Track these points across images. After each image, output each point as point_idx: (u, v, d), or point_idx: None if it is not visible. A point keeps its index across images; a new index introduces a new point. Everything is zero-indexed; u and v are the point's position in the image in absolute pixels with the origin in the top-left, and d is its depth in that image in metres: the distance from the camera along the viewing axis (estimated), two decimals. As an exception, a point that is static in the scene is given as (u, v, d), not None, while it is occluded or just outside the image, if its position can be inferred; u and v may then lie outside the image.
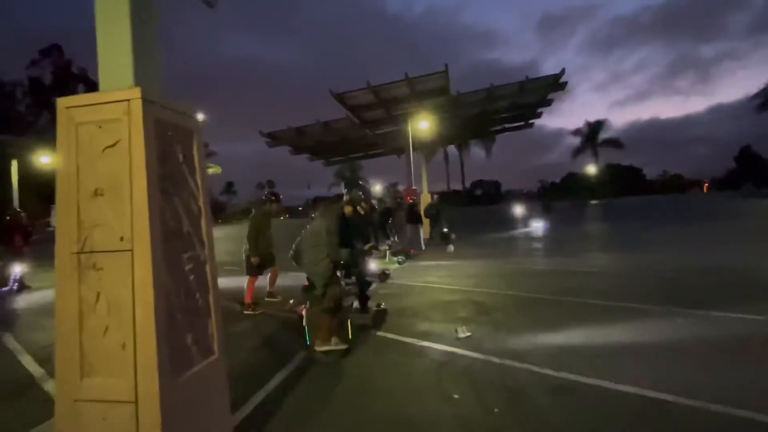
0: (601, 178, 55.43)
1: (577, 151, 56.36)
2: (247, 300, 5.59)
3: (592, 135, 54.80)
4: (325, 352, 3.74)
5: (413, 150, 14.19)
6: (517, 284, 6.53)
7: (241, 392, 2.96)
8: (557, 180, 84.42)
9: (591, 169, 54.92)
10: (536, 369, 3.25)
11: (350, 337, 4.02)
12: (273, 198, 5.99)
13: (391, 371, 3.42)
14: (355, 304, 4.74)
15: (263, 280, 6.01)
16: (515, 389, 2.94)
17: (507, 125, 19.25)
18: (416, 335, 4.22)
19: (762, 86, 38.22)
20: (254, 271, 5.69)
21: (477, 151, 58.62)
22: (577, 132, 56.53)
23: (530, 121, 17.54)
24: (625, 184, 73.03)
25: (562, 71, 11.83)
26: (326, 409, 2.79)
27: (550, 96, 13.99)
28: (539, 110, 15.90)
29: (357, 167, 60.63)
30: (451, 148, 55.49)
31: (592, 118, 60.70)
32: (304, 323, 4.16)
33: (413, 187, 13.76)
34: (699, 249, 9.26)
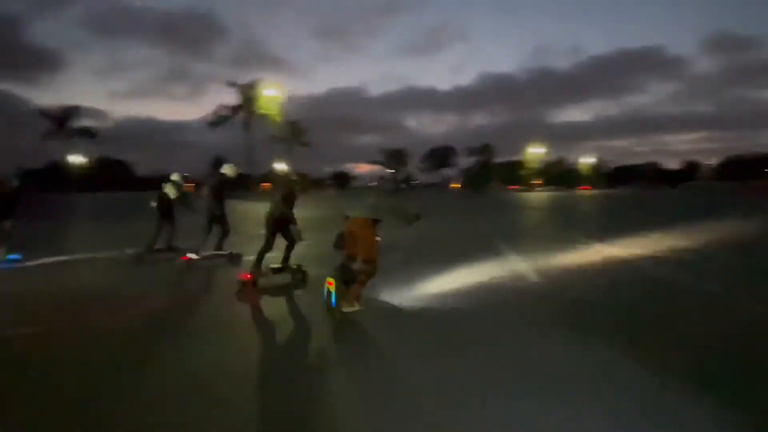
0: (87, 170, 49.23)
1: (49, 136, 46.50)
2: None
3: (65, 120, 46.53)
4: (348, 313, 3.81)
5: None
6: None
7: None
8: (41, 166, 64.77)
9: (75, 159, 47.01)
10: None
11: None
12: None
13: None
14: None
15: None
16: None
17: None
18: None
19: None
20: None
21: None
22: (46, 113, 46.45)
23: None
24: (114, 178, 70.60)
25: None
26: None
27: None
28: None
29: None
30: None
31: (93, 103, 52.24)
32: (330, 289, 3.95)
33: None
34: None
